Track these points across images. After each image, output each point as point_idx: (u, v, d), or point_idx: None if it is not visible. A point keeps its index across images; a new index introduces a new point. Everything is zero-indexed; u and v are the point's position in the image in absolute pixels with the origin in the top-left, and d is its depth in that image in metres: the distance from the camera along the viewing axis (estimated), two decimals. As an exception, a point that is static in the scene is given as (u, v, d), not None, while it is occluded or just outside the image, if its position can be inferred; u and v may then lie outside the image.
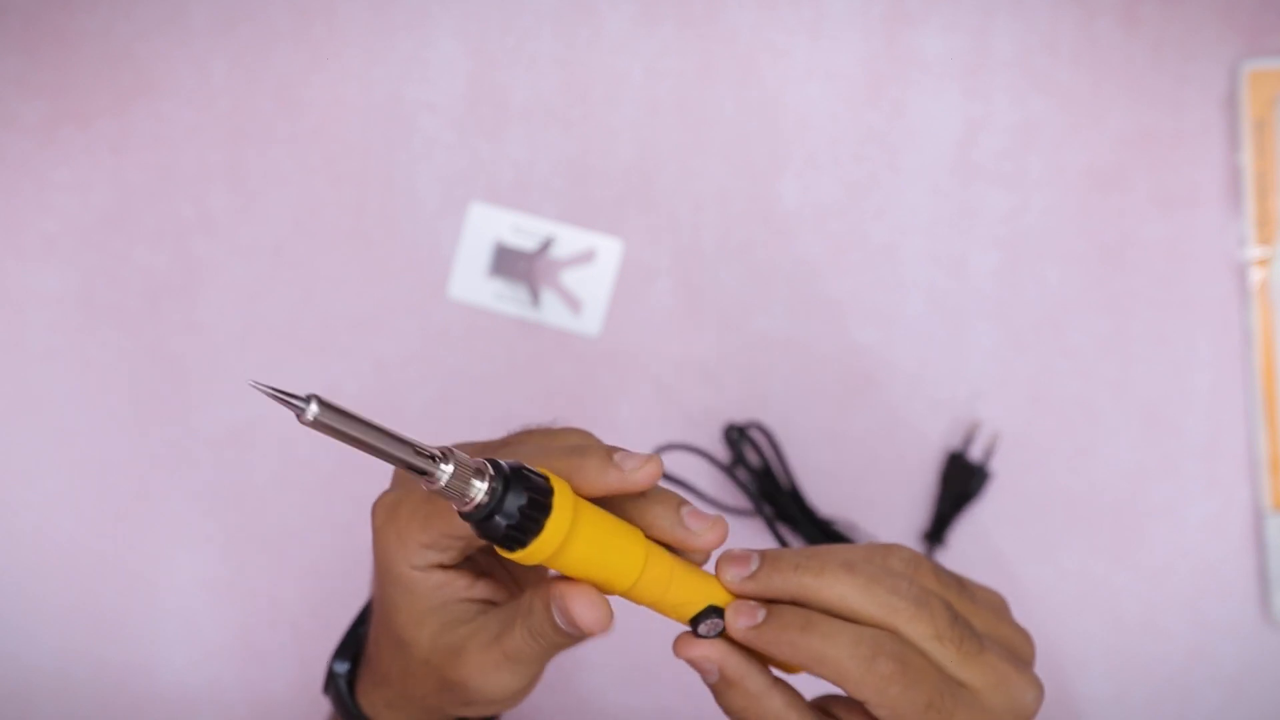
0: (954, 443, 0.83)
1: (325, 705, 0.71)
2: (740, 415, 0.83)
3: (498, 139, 0.84)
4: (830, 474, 0.83)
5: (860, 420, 0.83)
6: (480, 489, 0.45)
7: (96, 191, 0.85)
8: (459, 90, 0.84)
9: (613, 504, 0.51)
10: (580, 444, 0.51)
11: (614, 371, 0.84)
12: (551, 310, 0.84)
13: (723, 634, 0.52)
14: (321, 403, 0.42)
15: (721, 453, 0.83)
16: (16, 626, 0.86)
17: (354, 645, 0.62)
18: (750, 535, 0.83)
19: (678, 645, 0.53)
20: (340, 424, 0.43)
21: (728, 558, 0.53)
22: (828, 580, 0.51)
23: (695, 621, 0.52)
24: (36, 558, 0.86)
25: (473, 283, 0.84)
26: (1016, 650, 0.53)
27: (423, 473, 0.45)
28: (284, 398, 0.42)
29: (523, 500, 0.46)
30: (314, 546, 0.85)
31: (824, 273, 0.83)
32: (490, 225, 0.84)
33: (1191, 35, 0.81)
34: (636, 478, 0.49)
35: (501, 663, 0.54)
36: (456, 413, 0.84)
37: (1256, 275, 0.81)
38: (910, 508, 0.83)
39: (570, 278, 0.84)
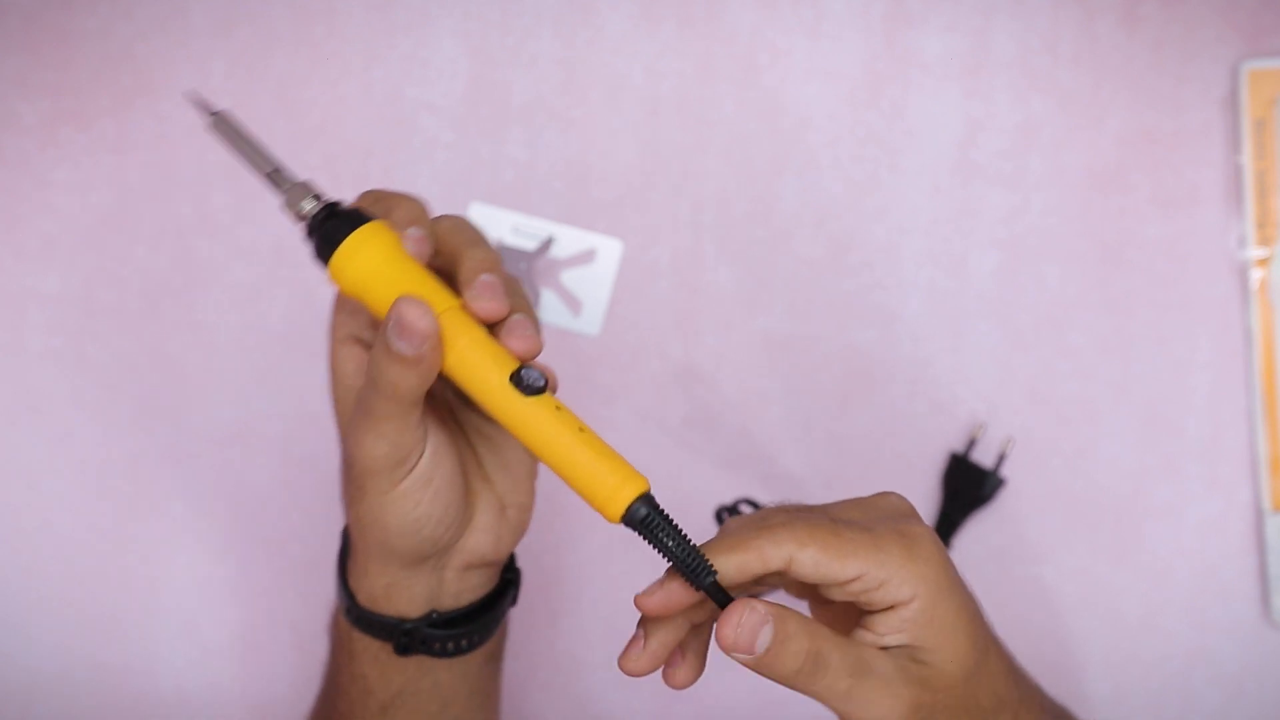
0: (955, 443, 0.83)
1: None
2: (740, 415, 0.83)
3: (498, 139, 0.84)
4: (830, 474, 0.83)
5: (860, 420, 0.83)
6: (309, 206, 0.56)
7: (96, 191, 0.85)
8: (459, 90, 0.84)
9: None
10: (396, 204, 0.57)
11: (614, 371, 0.84)
12: (551, 310, 0.84)
13: (544, 387, 0.53)
14: (224, 119, 0.57)
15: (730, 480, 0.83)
16: (16, 627, 0.86)
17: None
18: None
19: (724, 628, 0.51)
20: (232, 137, 0.57)
21: (642, 604, 0.53)
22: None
23: (516, 375, 0.53)
24: (36, 558, 0.86)
25: (473, 283, 0.84)
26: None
27: (275, 185, 0.57)
28: (200, 104, 0.57)
29: (338, 224, 0.55)
30: (314, 546, 0.85)
31: (824, 273, 0.83)
32: (490, 225, 0.84)
33: (1191, 35, 0.81)
34: (409, 246, 0.55)
35: (360, 420, 0.55)
36: (456, 413, 0.84)
37: (1257, 275, 0.81)
38: (910, 508, 0.83)
39: (570, 278, 0.84)
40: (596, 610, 0.85)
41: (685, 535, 0.52)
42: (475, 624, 0.61)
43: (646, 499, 0.52)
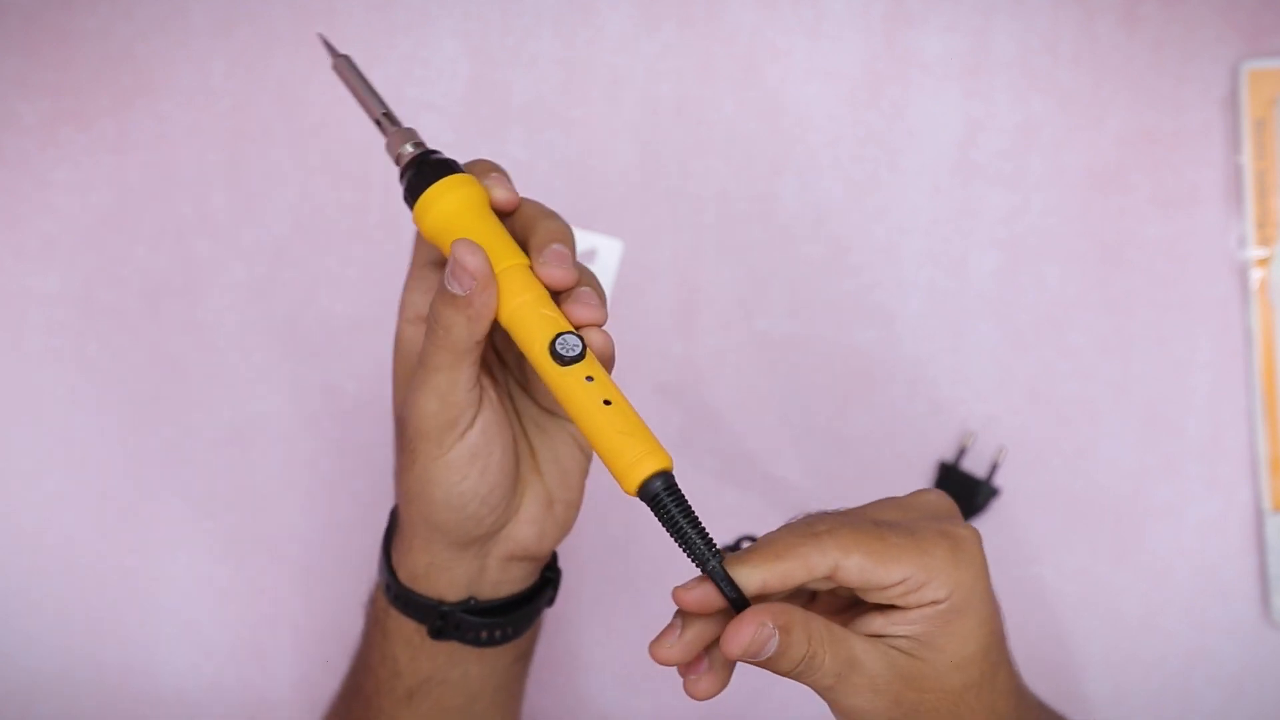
0: (956, 443, 0.83)
1: (324, 705, 0.71)
2: (740, 415, 0.83)
3: (498, 139, 0.84)
4: (830, 474, 0.83)
5: (860, 420, 0.83)
6: (409, 150, 0.58)
7: (96, 191, 0.85)
8: (459, 90, 0.84)
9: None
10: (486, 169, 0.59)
11: (614, 371, 0.84)
12: (551, 310, 0.84)
13: (580, 357, 0.54)
14: (348, 62, 0.61)
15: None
16: (16, 627, 0.86)
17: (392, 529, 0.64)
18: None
19: (730, 643, 0.51)
20: (351, 79, 0.61)
21: (681, 600, 0.53)
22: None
23: (553, 341, 0.53)
24: (36, 558, 0.86)
25: (473, 283, 0.84)
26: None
27: (382, 128, 0.59)
28: (327, 45, 0.61)
29: (429, 170, 0.57)
30: (314, 546, 0.85)
31: (824, 273, 0.83)
32: (490, 225, 0.84)
33: (1191, 35, 0.81)
34: (496, 193, 0.57)
35: (416, 375, 0.56)
36: (456, 413, 0.84)
37: (1257, 275, 0.81)
38: (910, 508, 0.83)
39: (570, 278, 0.84)
40: (596, 610, 0.85)
41: (696, 519, 0.52)
42: (511, 616, 0.62)
43: (665, 476, 0.52)
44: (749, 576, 0.52)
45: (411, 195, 0.57)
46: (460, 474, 0.57)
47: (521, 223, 0.57)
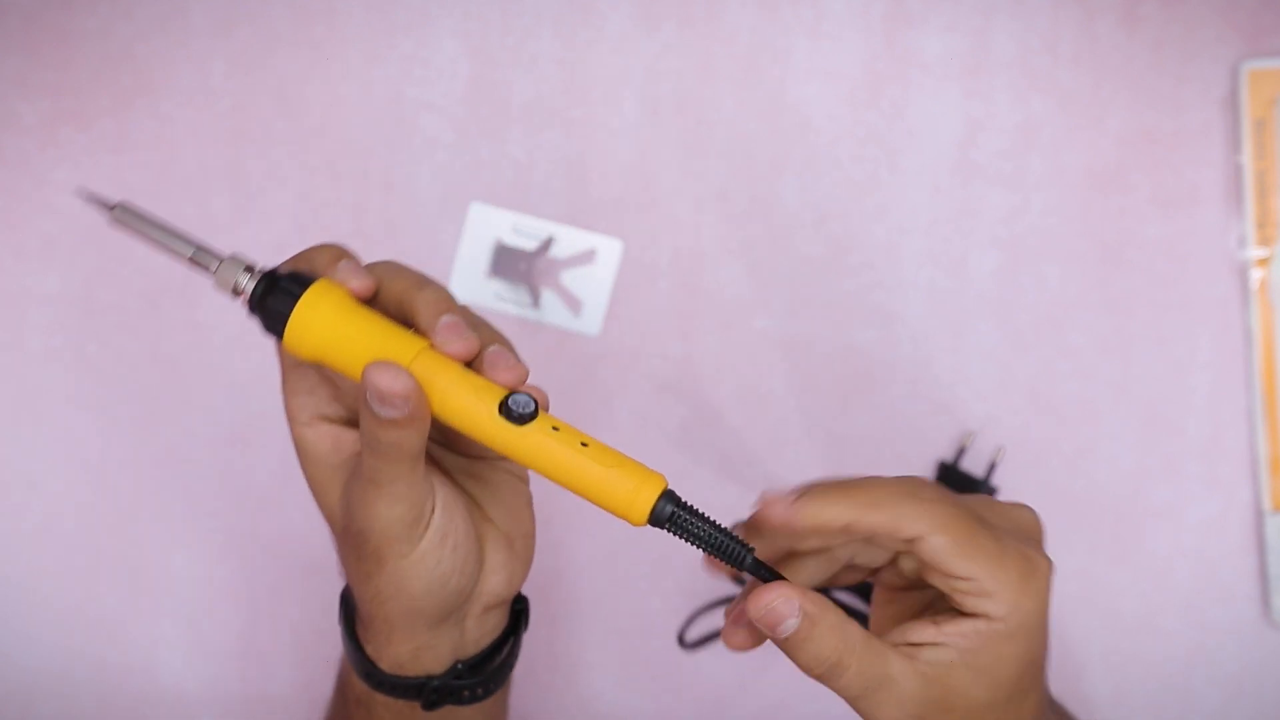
0: (954, 443, 0.83)
1: (323, 706, 0.71)
2: (740, 415, 0.83)
3: (498, 139, 0.84)
4: (830, 474, 0.83)
5: (860, 420, 0.83)
6: (246, 280, 0.53)
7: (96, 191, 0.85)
8: (459, 90, 0.84)
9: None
10: (330, 254, 0.55)
11: (614, 371, 0.84)
12: (551, 310, 0.84)
13: (535, 412, 0.52)
14: (125, 208, 0.55)
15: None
16: (17, 627, 0.86)
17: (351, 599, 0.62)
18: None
19: (751, 601, 0.52)
20: (139, 225, 0.55)
21: (766, 510, 0.53)
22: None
23: (504, 407, 0.52)
24: (36, 558, 0.86)
25: (473, 283, 0.84)
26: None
27: (203, 266, 0.54)
28: (97, 202, 0.56)
29: (281, 293, 0.53)
30: (314, 546, 0.85)
31: (824, 273, 0.83)
32: (490, 225, 0.84)
33: (1191, 35, 0.81)
34: (353, 285, 0.53)
35: (369, 490, 0.53)
36: (456, 413, 0.84)
37: (1257, 275, 0.81)
38: (910, 508, 0.83)
39: (570, 278, 0.84)
40: (596, 610, 0.85)
41: (714, 522, 0.52)
42: (498, 665, 0.61)
43: (668, 495, 0.52)
44: (838, 512, 0.52)
45: (274, 324, 0.53)
46: (435, 559, 0.55)
47: (394, 300, 0.55)
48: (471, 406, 0.52)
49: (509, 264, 0.84)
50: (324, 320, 0.53)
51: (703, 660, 0.84)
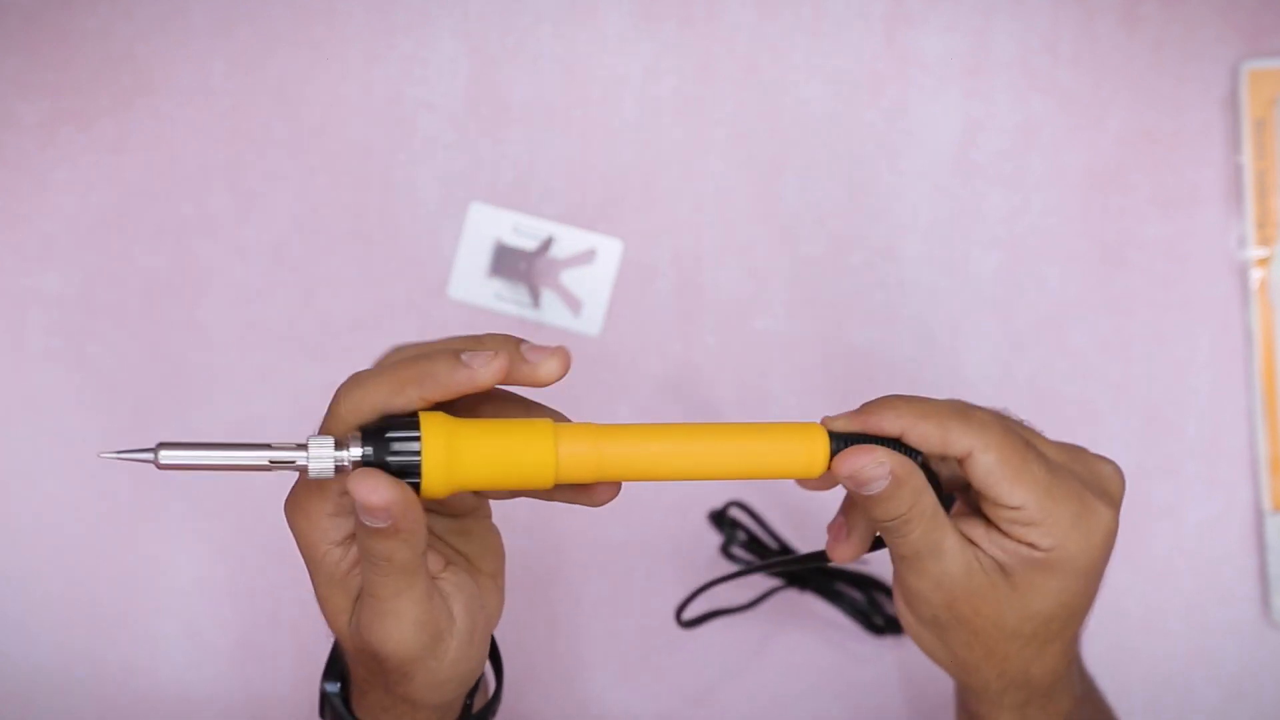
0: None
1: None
2: (740, 415, 0.83)
3: (498, 139, 0.84)
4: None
5: (860, 420, 0.83)
6: (347, 455, 0.48)
7: (96, 191, 0.85)
8: (459, 90, 0.84)
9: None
10: (427, 350, 0.51)
11: (614, 371, 0.84)
12: (551, 310, 0.84)
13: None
14: (167, 445, 0.47)
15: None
16: (16, 626, 0.86)
17: (340, 663, 0.59)
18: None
19: (842, 460, 0.52)
20: (192, 460, 0.48)
21: (829, 423, 0.54)
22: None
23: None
24: (36, 557, 0.86)
25: (473, 283, 0.84)
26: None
27: (290, 465, 0.49)
28: (133, 456, 0.47)
29: (395, 443, 0.48)
30: (314, 546, 0.85)
31: (824, 273, 0.83)
32: (490, 225, 0.84)
33: (1191, 35, 0.81)
34: (484, 375, 0.49)
35: (376, 609, 0.51)
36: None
37: (1257, 275, 0.81)
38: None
39: (570, 278, 0.84)
40: (596, 610, 0.85)
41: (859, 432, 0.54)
42: (488, 704, 0.59)
43: (831, 436, 0.53)
44: (893, 421, 0.54)
45: (413, 478, 0.48)
46: (466, 656, 0.53)
47: (439, 388, 0.50)
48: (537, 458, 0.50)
49: (509, 264, 0.84)
50: (453, 449, 0.48)
51: (703, 660, 0.84)
